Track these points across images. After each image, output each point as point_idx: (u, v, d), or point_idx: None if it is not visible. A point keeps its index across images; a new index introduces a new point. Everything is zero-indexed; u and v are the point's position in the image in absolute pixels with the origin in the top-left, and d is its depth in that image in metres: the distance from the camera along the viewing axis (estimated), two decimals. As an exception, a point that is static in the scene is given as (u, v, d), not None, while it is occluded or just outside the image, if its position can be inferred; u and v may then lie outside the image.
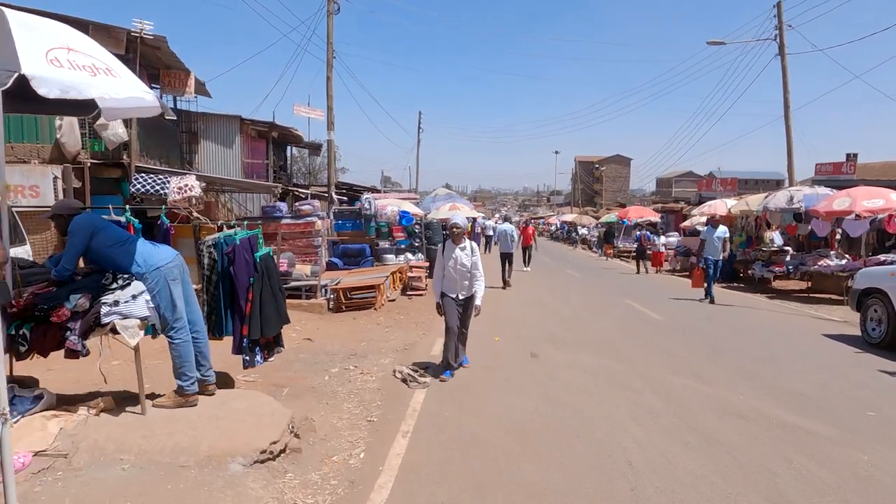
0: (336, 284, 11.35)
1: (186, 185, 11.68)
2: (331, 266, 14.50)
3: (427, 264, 15.40)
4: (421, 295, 13.20)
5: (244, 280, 4.72)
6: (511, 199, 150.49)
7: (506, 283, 14.98)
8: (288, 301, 11.54)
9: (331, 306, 11.04)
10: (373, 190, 25.61)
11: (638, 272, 20.04)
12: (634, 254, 21.56)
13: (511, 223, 17.93)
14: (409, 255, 15.69)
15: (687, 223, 23.94)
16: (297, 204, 15.41)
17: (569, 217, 54.02)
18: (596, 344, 8.22)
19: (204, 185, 11.78)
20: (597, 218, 47.53)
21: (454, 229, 6.43)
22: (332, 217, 16.58)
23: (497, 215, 57.53)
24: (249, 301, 4.64)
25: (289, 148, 25.18)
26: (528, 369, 6.78)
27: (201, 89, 16.46)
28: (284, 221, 15.02)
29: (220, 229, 5.04)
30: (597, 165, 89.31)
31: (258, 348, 4.83)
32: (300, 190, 20.51)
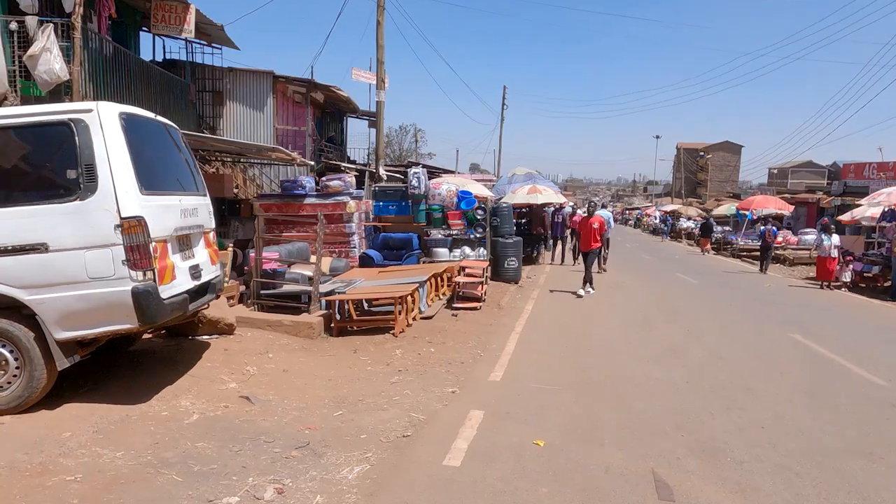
0: (343, 292, 7.63)
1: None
2: (364, 261, 10.89)
3: (487, 263, 11.43)
4: (474, 309, 9.26)
5: None
6: (604, 188, 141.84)
7: (600, 268, 15.02)
8: (270, 316, 7.15)
9: (332, 325, 7.35)
10: (445, 171, 21.73)
11: (761, 271, 17.60)
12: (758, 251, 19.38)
13: (607, 210, 18.15)
14: (468, 250, 11.76)
15: (846, 216, 18.10)
16: (323, 179, 11.92)
17: (669, 207, 47.79)
18: (802, 461, 3.91)
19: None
20: (706, 210, 41.30)
21: None
22: (372, 197, 13.01)
23: (584, 207, 52.36)
24: None
25: (346, 119, 21.89)
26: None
27: (221, 35, 13.32)
28: (308, 201, 11.62)
29: None
30: (702, 153, 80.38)
31: None
32: (348, 166, 17.09)
